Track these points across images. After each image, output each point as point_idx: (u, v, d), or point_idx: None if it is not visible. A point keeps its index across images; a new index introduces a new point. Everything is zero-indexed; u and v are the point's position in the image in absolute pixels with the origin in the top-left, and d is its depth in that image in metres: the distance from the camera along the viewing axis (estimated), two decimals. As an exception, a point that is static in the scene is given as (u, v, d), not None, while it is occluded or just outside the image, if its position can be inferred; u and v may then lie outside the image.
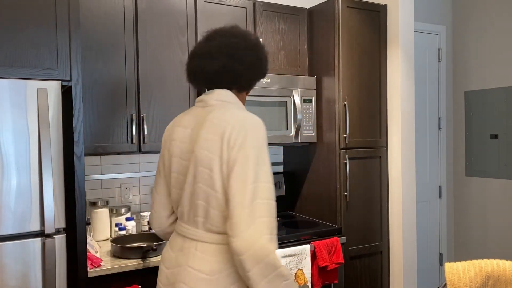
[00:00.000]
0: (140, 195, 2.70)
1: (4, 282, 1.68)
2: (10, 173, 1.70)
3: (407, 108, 2.82)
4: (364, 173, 2.78)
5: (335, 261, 2.49)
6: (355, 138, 2.74)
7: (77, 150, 1.88)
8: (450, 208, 3.95)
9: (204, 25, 2.51)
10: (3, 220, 1.69)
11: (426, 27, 3.75)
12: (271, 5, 2.74)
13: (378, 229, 2.84)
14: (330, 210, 2.75)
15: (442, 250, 3.90)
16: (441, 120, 3.87)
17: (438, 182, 3.88)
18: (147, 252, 2.07)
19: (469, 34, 3.79)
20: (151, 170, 2.72)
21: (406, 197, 2.83)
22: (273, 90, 2.64)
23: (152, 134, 2.36)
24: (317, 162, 2.86)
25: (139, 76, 2.33)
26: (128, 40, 2.30)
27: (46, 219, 1.73)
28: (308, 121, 2.77)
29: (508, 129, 3.50)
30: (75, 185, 1.88)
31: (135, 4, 2.32)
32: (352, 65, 2.72)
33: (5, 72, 1.73)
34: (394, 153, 2.84)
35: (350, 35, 2.71)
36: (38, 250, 1.74)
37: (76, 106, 1.88)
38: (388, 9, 2.85)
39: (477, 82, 3.74)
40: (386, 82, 2.87)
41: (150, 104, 2.36)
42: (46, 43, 1.81)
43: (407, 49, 2.81)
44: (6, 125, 1.69)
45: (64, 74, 1.85)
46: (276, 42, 2.75)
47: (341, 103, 2.69)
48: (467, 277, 1.77)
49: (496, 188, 3.60)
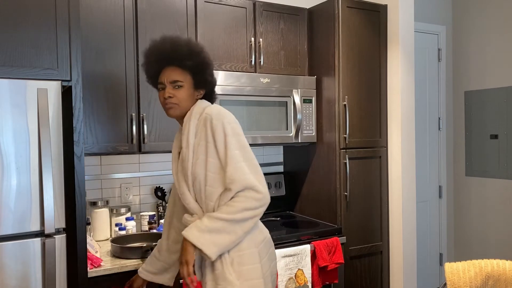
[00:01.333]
0: (140, 195, 2.70)
1: (4, 282, 1.68)
2: (10, 173, 1.70)
3: (407, 108, 2.82)
4: (364, 173, 2.78)
5: (335, 261, 2.49)
6: (355, 138, 2.74)
7: (77, 150, 1.88)
8: (450, 208, 3.95)
9: (204, 25, 2.51)
10: (3, 220, 1.69)
11: (426, 27, 3.75)
12: (271, 5, 2.74)
13: (378, 229, 2.84)
14: (330, 210, 2.75)
15: (442, 250, 3.90)
16: (441, 120, 3.87)
17: (438, 182, 3.88)
18: (147, 252, 2.07)
19: (469, 34, 3.79)
20: (151, 170, 2.72)
21: (406, 197, 2.83)
22: (273, 90, 2.64)
23: (152, 134, 2.36)
24: (317, 162, 2.86)
25: (139, 76, 2.33)
26: (128, 40, 2.30)
27: (46, 219, 1.73)
28: (308, 121, 2.77)
29: (508, 129, 3.50)
30: (75, 185, 1.88)
31: (135, 4, 2.32)
32: (352, 65, 2.72)
33: (5, 72, 1.73)
34: (394, 153, 2.84)
35: (350, 35, 2.71)
36: (38, 250, 1.74)
37: (76, 106, 1.88)
38: (388, 9, 2.85)
39: (477, 82, 3.74)
40: (386, 82, 2.87)
41: (150, 104, 2.36)
42: (46, 43, 1.81)
43: (407, 49, 2.81)
44: (6, 125, 1.69)
45: (64, 74, 1.85)
46: (276, 42, 2.75)
47: (341, 103, 2.68)
48: (467, 277, 1.77)
49: (496, 188, 3.60)
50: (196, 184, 1.60)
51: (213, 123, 1.56)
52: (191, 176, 1.60)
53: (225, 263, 1.55)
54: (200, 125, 1.60)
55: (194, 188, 1.62)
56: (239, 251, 1.57)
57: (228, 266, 1.55)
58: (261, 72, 2.69)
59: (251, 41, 2.66)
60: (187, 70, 1.66)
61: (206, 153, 1.57)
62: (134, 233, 2.39)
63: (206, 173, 1.58)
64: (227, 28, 2.59)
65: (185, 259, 1.54)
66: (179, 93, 1.65)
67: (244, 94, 2.54)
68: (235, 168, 1.53)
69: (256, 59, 2.67)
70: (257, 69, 2.68)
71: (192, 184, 1.62)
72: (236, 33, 2.62)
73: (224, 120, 1.57)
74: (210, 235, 1.50)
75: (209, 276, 1.59)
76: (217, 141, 1.56)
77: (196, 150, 1.59)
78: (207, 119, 1.58)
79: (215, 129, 1.56)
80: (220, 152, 1.56)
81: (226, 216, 1.51)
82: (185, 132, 1.62)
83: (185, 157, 1.61)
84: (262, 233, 1.68)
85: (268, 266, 1.65)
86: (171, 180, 2.77)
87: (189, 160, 1.60)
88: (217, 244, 1.51)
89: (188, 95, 1.66)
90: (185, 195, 1.64)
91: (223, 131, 1.56)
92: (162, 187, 2.69)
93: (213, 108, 1.62)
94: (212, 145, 1.56)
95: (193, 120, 1.62)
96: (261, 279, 1.59)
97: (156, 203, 2.72)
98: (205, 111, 1.61)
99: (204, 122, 1.59)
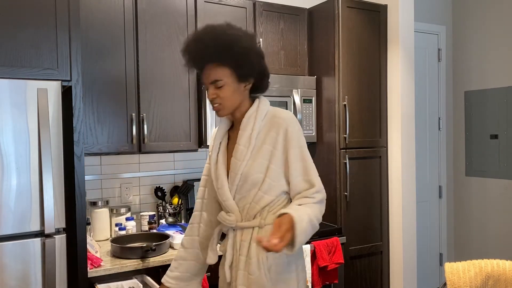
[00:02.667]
0: (140, 195, 2.70)
1: (4, 282, 1.68)
2: (10, 173, 1.70)
3: (407, 108, 2.82)
4: (364, 173, 2.78)
5: (335, 261, 2.49)
6: (355, 138, 2.74)
7: (77, 150, 1.88)
8: (450, 208, 3.95)
9: (204, 25, 2.50)
10: (3, 220, 1.69)
11: (426, 27, 3.75)
12: (271, 5, 2.74)
13: (378, 229, 2.84)
14: (330, 210, 2.75)
15: (442, 250, 3.90)
16: (441, 120, 3.87)
17: (438, 182, 3.88)
18: (146, 252, 2.07)
19: (469, 34, 3.79)
20: (151, 170, 2.72)
21: (406, 197, 2.83)
22: (273, 90, 2.64)
23: (152, 134, 2.36)
24: (317, 162, 2.85)
25: (139, 76, 2.33)
26: (128, 40, 2.30)
27: (46, 219, 1.73)
28: (308, 121, 2.77)
29: (508, 129, 3.50)
30: (75, 185, 1.88)
31: (135, 4, 2.32)
32: (352, 65, 2.72)
33: (5, 72, 1.73)
34: (394, 153, 2.84)
35: (350, 35, 2.71)
36: (38, 250, 1.74)
37: (76, 106, 1.88)
38: (388, 9, 2.85)
39: (477, 82, 3.74)
40: (386, 82, 2.87)
41: (150, 104, 2.36)
42: (46, 43, 1.81)
43: (407, 49, 2.81)
44: (6, 125, 1.69)
45: (64, 74, 1.85)
46: (276, 42, 2.75)
47: (341, 103, 2.68)
48: (467, 277, 1.78)
49: (496, 188, 3.60)
50: (245, 186, 1.51)
51: (288, 130, 1.48)
52: (240, 176, 1.50)
53: (263, 268, 1.47)
54: (267, 126, 1.51)
55: (238, 188, 1.52)
56: (279, 258, 1.49)
57: (266, 272, 1.47)
58: (261, 72, 2.69)
59: (251, 41, 2.66)
60: (225, 66, 1.48)
61: (269, 159, 1.49)
62: (134, 233, 2.39)
63: (264, 179, 1.49)
64: (227, 28, 2.59)
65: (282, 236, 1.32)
66: (222, 92, 1.50)
67: (244, 94, 2.54)
68: (317, 179, 1.49)
69: (256, 59, 2.67)
70: (257, 69, 2.68)
71: (238, 183, 1.51)
72: (236, 33, 2.62)
73: (299, 131, 1.50)
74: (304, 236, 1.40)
75: (241, 280, 1.50)
76: (290, 149, 1.48)
77: (256, 152, 1.50)
78: (280, 125, 1.49)
79: (290, 139, 1.48)
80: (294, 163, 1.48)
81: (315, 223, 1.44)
82: (247, 129, 1.51)
83: (240, 156, 1.50)
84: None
85: (302, 276, 1.57)
86: (171, 180, 2.78)
87: (245, 159, 1.50)
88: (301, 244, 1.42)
89: (233, 91, 1.50)
90: (224, 190, 1.54)
91: (298, 141, 1.49)
92: (162, 187, 2.69)
93: (283, 112, 1.52)
94: (281, 152, 1.49)
95: (258, 119, 1.52)
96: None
97: (156, 203, 2.72)
98: (274, 114, 1.52)
99: (276, 126, 1.49)
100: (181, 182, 2.80)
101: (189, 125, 2.47)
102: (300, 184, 1.49)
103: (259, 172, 1.49)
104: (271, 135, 1.49)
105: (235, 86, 1.50)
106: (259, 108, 1.53)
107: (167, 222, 2.51)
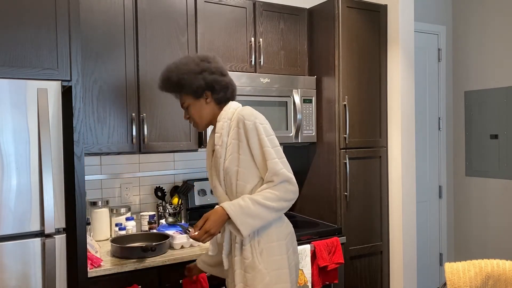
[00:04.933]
0: (140, 195, 2.70)
1: (4, 282, 1.68)
2: (10, 173, 1.70)
3: (407, 108, 2.82)
4: (364, 173, 2.78)
5: (335, 261, 2.49)
6: (355, 138, 2.74)
7: (77, 150, 1.88)
8: (450, 208, 3.95)
9: (204, 25, 2.51)
10: (3, 220, 1.69)
11: (426, 27, 3.75)
12: (271, 5, 2.74)
13: (378, 229, 2.84)
14: (330, 210, 2.75)
15: (442, 250, 3.90)
16: (441, 120, 3.87)
17: (438, 182, 3.88)
18: (146, 252, 2.07)
19: (469, 34, 3.79)
20: (151, 170, 2.72)
21: (406, 197, 2.83)
22: (273, 90, 2.64)
23: (152, 134, 2.36)
24: (317, 162, 2.86)
25: (139, 76, 2.33)
26: (128, 40, 2.30)
27: (46, 219, 1.73)
28: (308, 121, 2.77)
29: (508, 129, 3.50)
30: (75, 185, 1.88)
31: (135, 4, 2.32)
32: (352, 65, 2.72)
33: (5, 72, 1.73)
34: (394, 153, 2.84)
35: (350, 35, 2.71)
36: (38, 250, 1.74)
37: (76, 106, 1.88)
38: (388, 9, 2.85)
39: (477, 82, 3.74)
40: (386, 82, 2.87)
41: (150, 104, 2.36)
42: (46, 43, 1.81)
43: (407, 49, 2.81)
44: (6, 125, 1.69)
45: (64, 74, 1.85)
46: (276, 42, 2.75)
47: (341, 103, 2.69)
48: (467, 277, 1.78)
49: (496, 188, 3.60)
50: (228, 179, 1.72)
51: (245, 123, 1.67)
52: (222, 171, 1.72)
53: (255, 253, 1.66)
54: (233, 124, 1.71)
55: (225, 183, 1.73)
56: (269, 243, 1.67)
57: (258, 256, 1.66)
58: (261, 72, 2.69)
59: (251, 41, 2.66)
60: (180, 92, 1.79)
61: (238, 151, 1.68)
62: (134, 233, 2.39)
63: (238, 169, 1.68)
64: (227, 28, 2.59)
65: (210, 227, 1.62)
66: (191, 112, 1.80)
67: (244, 94, 2.54)
68: (274, 163, 1.64)
69: (256, 59, 2.67)
70: (257, 69, 2.68)
71: (223, 178, 1.73)
72: (236, 33, 2.62)
73: (256, 120, 1.67)
74: (251, 218, 1.60)
75: (238, 265, 1.69)
76: (250, 139, 1.66)
77: (229, 148, 1.71)
78: (240, 120, 1.68)
79: (247, 129, 1.66)
80: (254, 150, 1.67)
81: (267, 203, 1.61)
82: (218, 131, 1.73)
83: (218, 154, 1.72)
84: (288, 226, 1.79)
85: (293, 258, 1.76)
86: (171, 180, 2.78)
87: (222, 157, 1.71)
88: (252, 227, 1.62)
89: (199, 108, 1.78)
90: (217, 188, 1.77)
91: (256, 130, 1.66)
92: (162, 187, 2.69)
93: (245, 109, 1.72)
94: (245, 143, 1.67)
95: (223, 120, 1.73)
96: (287, 269, 1.69)
97: (156, 203, 2.72)
98: (238, 112, 1.71)
99: (236, 122, 1.69)
100: (181, 182, 2.80)
101: (189, 125, 2.47)
102: (263, 171, 1.68)
103: (234, 164, 1.69)
104: (236, 130, 1.69)
105: (197, 103, 1.78)
106: (224, 111, 1.76)
107: (167, 222, 2.50)
